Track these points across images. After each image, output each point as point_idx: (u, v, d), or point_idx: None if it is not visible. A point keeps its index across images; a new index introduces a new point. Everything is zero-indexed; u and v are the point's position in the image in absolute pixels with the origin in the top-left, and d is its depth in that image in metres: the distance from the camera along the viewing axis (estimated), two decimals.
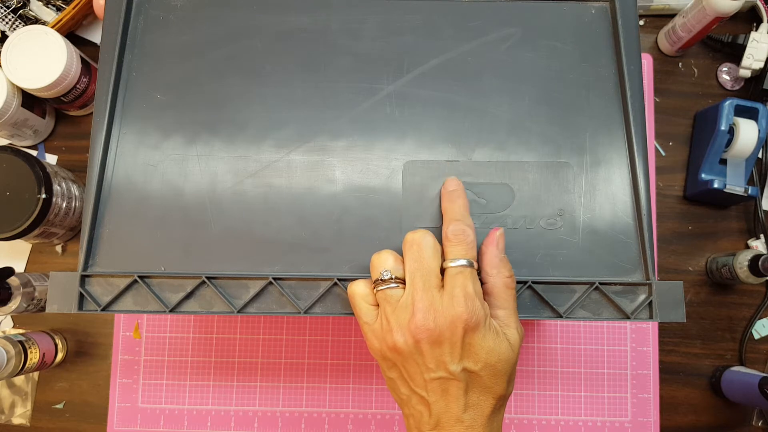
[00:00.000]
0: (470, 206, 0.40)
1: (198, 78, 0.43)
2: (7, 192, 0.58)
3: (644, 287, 0.39)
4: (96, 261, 0.39)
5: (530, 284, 0.38)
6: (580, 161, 0.41)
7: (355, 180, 0.41)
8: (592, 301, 0.39)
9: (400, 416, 0.66)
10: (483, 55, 0.43)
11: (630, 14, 0.43)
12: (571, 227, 0.40)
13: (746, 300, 0.69)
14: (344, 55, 0.43)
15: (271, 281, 0.38)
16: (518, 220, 0.40)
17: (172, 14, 0.44)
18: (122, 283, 0.38)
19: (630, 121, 0.41)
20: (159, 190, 0.41)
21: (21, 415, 0.66)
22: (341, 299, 0.39)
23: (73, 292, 0.38)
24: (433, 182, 0.41)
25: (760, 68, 0.68)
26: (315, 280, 0.39)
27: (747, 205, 0.70)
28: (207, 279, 0.38)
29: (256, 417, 0.66)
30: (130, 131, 0.41)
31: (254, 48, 0.43)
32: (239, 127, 0.42)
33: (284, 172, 0.41)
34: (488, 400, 0.36)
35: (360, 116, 0.42)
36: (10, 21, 0.66)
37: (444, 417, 0.36)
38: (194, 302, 0.38)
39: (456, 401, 0.35)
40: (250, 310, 0.38)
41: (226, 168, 0.41)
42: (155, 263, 0.39)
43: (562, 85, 0.43)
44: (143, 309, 0.38)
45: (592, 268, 0.40)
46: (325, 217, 0.40)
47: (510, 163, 0.41)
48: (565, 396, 0.66)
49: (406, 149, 0.42)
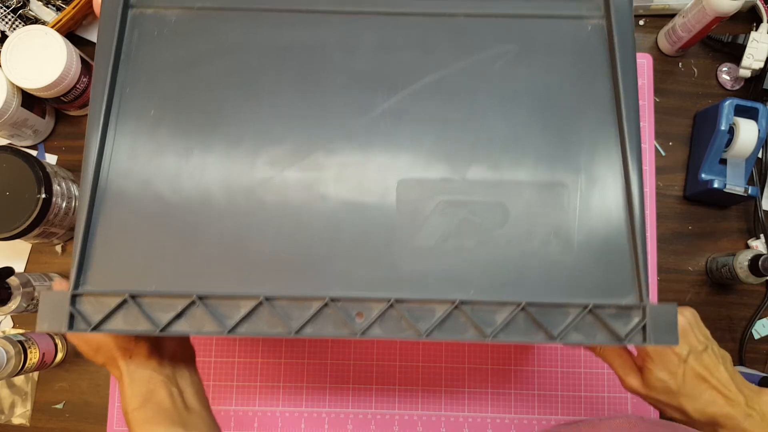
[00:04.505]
0: (464, 225, 0.40)
1: (192, 93, 0.42)
2: (7, 192, 0.58)
3: (638, 310, 0.38)
4: (87, 279, 0.39)
5: (524, 306, 0.38)
6: (575, 180, 0.41)
7: (349, 197, 0.40)
8: (585, 323, 0.38)
9: (400, 416, 0.66)
10: (478, 71, 0.43)
11: (626, 31, 0.43)
12: (566, 247, 0.40)
13: (746, 300, 0.69)
14: (339, 72, 0.43)
15: (263, 301, 0.38)
16: (512, 239, 0.40)
17: (166, 29, 0.43)
18: (113, 303, 0.38)
19: (625, 140, 0.41)
20: (151, 207, 0.40)
21: (21, 415, 0.66)
22: (332, 319, 0.38)
23: (63, 311, 0.37)
24: (427, 200, 0.40)
25: (760, 68, 0.68)
26: (307, 300, 0.38)
27: (747, 205, 0.70)
28: (198, 298, 0.38)
29: (256, 417, 0.66)
30: (123, 147, 0.41)
31: (249, 63, 0.43)
32: (233, 143, 0.41)
33: (278, 189, 0.41)
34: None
35: (355, 133, 0.42)
36: (10, 21, 0.66)
37: None
38: (185, 322, 0.38)
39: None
40: (241, 330, 0.38)
41: (220, 184, 0.41)
42: (147, 281, 0.39)
43: (557, 103, 0.42)
44: (134, 329, 0.38)
45: (586, 288, 0.39)
46: (318, 235, 0.40)
47: (504, 181, 0.41)
48: (565, 396, 0.66)
49: (400, 167, 0.41)
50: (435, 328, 0.38)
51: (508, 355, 0.67)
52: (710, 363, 0.45)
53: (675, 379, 0.45)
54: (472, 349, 0.67)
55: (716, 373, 0.45)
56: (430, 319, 0.38)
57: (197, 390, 0.46)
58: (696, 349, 0.45)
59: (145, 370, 0.44)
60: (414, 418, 0.66)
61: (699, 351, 0.45)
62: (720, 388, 0.44)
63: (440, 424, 0.66)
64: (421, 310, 0.38)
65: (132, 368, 0.44)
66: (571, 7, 0.44)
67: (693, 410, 0.45)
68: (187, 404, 0.44)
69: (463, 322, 0.38)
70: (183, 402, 0.44)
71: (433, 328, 0.38)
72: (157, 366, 0.44)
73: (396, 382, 0.67)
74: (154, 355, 0.45)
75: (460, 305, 0.38)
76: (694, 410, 0.44)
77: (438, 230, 0.40)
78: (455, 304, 0.38)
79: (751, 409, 0.44)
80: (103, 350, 0.45)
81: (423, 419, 0.66)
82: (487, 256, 0.40)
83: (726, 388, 0.44)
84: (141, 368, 0.44)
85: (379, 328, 0.38)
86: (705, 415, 0.44)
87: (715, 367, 0.45)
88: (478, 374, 0.66)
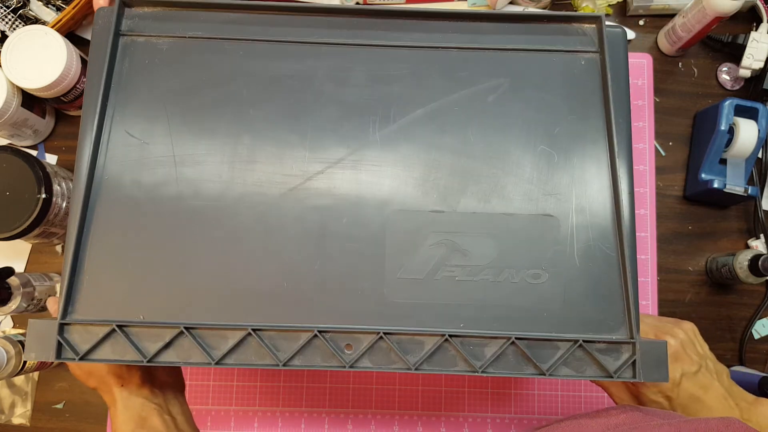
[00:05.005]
0: (454, 258, 0.40)
1: (182, 123, 0.42)
2: (7, 192, 0.58)
3: (628, 345, 0.38)
4: (75, 308, 0.39)
5: (513, 340, 0.38)
6: (566, 215, 0.41)
7: (339, 230, 0.41)
8: (575, 358, 0.38)
9: (399, 416, 0.66)
10: (470, 105, 0.43)
11: (620, 66, 0.42)
12: (556, 281, 0.40)
13: (746, 300, 0.69)
14: (331, 103, 0.43)
15: (250, 332, 0.38)
16: (502, 273, 0.40)
17: (157, 58, 0.43)
18: (101, 332, 0.38)
19: (617, 176, 0.41)
20: (139, 238, 0.40)
21: (21, 415, 0.66)
22: (321, 351, 0.38)
23: (51, 340, 0.37)
24: (417, 233, 0.40)
25: (760, 68, 0.68)
26: (295, 331, 0.38)
27: (747, 205, 0.70)
28: (185, 329, 0.38)
29: (256, 417, 0.66)
30: (111, 176, 0.41)
31: (240, 94, 0.43)
32: (222, 173, 0.41)
33: (267, 221, 0.41)
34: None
35: (345, 165, 0.42)
36: (10, 21, 0.66)
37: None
38: (172, 352, 0.38)
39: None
40: (228, 361, 0.38)
41: (208, 216, 0.41)
42: (134, 311, 0.39)
43: (549, 138, 0.42)
44: (121, 358, 0.38)
45: (576, 323, 0.39)
46: (307, 267, 0.40)
47: (495, 215, 0.41)
48: (565, 396, 0.66)
49: (391, 199, 0.41)
50: (424, 361, 0.38)
51: None
52: (705, 382, 0.45)
53: (670, 402, 0.45)
54: None
55: (711, 390, 0.45)
56: (419, 351, 0.38)
57: (188, 418, 0.47)
58: (689, 372, 0.45)
59: (137, 397, 0.44)
60: (414, 418, 0.66)
61: (692, 372, 0.45)
62: (715, 405, 0.44)
63: (440, 424, 0.66)
64: (410, 343, 0.38)
65: (125, 395, 0.44)
66: (565, 42, 0.44)
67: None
68: (180, 429, 0.44)
69: (452, 354, 0.38)
70: (176, 428, 0.44)
71: (423, 360, 0.38)
72: (149, 394, 0.45)
73: (396, 383, 0.67)
74: (146, 384, 0.45)
75: (450, 338, 0.38)
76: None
77: (428, 262, 0.40)
78: (445, 337, 0.38)
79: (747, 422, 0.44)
80: (96, 375, 0.45)
81: (423, 419, 0.66)
82: (477, 290, 0.40)
83: (721, 404, 0.44)
84: (133, 395, 0.44)
85: (369, 361, 0.38)
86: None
87: (710, 384, 0.45)
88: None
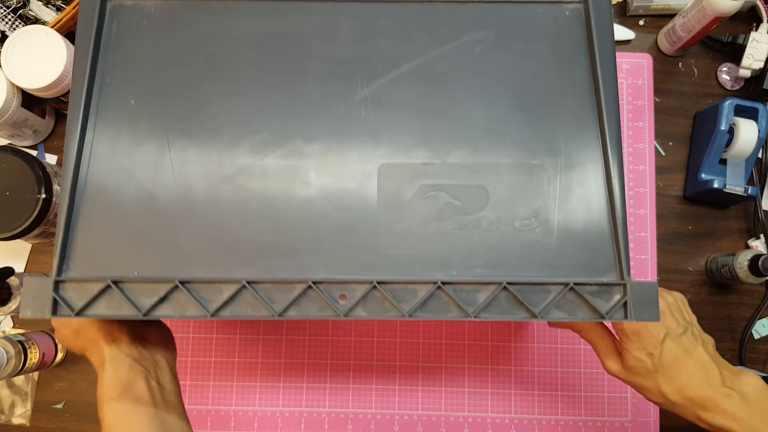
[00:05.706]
0: (445, 208, 0.40)
1: (172, 84, 0.42)
2: (7, 192, 0.58)
3: (619, 287, 0.38)
4: (70, 266, 0.39)
5: (505, 285, 0.38)
6: (554, 163, 0.41)
7: (330, 184, 0.41)
8: (567, 301, 0.38)
9: (399, 416, 0.66)
10: (457, 57, 0.43)
11: (604, 15, 0.43)
12: (546, 229, 0.40)
13: (746, 300, 0.69)
14: (319, 60, 0.43)
15: (245, 285, 0.38)
16: (493, 221, 0.40)
17: (145, 20, 0.43)
18: (96, 288, 0.38)
19: (604, 123, 0.41)
20: (133, 196, 0.40)
21: (21, 415, 0.66)
22: (316, 302, 0.38)
23: (46, 297, 0.37)
24: (408, 185, 0.41)
25: (760, 68, 0.68)
26: (289, 283, 0.38)
27: (747, 205, 0.70)
28: (180, 283, 0.38)
29: (256, 417, 0.66)
30: (103, 137, 0.41)
31: (229, 54, 0.43)
32: (214, 133, 0.42)
33: (259, 177, 0.41)
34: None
35: (335, 120, 0.42)
36: (10, 21, 0.66)
37: None
38: (168, 306, 0.38)
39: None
40: (224, 313, 0.38)
41: (201, 173, 0.41)
42: (129, 268, 0.39)
43: (536, 88, 0.43)
44: (117, 313, 0.38)
45: (567, 269, 0.39)
46: (300, 221, 0.40)
47: (485, 165, 0.41)
48: (565, 396, 0.66)
49: (380, 152, 0.41)
50: (418, 308, 0.38)
51: (507, 355, 0.67)
52: (689, 344, 0.45)
53: (652, 360, 0.45)
54: (472, 348, 0.67)
55: (695, 354, 0.45)
56: (412, 299, 0.38)
57: (176, 390, 0.46)
58: (674, 331, 0.45)
59: (126, 357, 0.43)
60: (414, 418, 0.66)
61: (677, 333, 0.45)
62: (698, 370, 0.44)
63: (440, 424, 0.66)
64: (403, 292, 0.39)
65: (114, 353, 0.43)
66: None
67: (671, 392, 0.45)
68: (166, 399, 0.44)
69: (445, 302, 0.38)
70: (162, 397, 0.44)
71: (416, 308, 0.38)
72: (138, 356, 0.44)
73: (396, 383, 0.67)
74: (136, 343, 0.44)
75: (443, 286, 0.38)
76: (672, 392, 0.44)
77: (419, 214, 0.41)
78: (437, 284, 0.38)
79: (730, 390, 0.44)
80: (84, 333, 0.44)
81: (423, 419, 0.66)
82: (469, 238, 0.40)
83: (704, 369, 0.44)
84: (123, 354, 0.43)
85: (363, 310, 0.38)
86: (684, 397, 0.44)
87: (693, 348, 0.45)
88: (478, 374, 0.66)
